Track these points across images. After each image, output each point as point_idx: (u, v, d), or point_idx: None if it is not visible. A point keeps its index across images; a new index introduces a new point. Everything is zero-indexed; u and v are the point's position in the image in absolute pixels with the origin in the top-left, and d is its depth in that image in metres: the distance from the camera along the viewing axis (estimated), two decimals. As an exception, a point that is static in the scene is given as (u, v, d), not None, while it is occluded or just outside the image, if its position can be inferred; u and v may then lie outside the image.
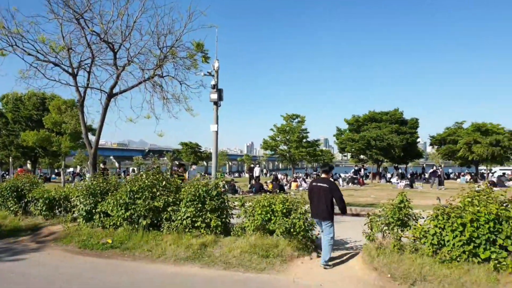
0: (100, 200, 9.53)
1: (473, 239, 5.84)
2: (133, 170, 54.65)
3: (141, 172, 9.93)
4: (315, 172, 48.38)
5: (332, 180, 7.53)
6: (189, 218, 8.13)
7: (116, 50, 11.56)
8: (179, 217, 8.28)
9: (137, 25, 11.25)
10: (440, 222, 6.22)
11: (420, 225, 6.61)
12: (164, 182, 9.02)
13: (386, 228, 6.87)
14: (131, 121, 12.33)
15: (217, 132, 12.59)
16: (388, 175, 36.96)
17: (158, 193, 8.74)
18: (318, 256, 7.21)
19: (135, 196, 8.78)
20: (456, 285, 5.54)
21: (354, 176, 32.48)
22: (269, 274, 6.59)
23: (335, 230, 6.90)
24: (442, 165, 38.57)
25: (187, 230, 8.19)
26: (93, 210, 9.47)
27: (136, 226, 8.71)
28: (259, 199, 8.02)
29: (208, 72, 12.50)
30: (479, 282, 5.50)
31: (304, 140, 34.63)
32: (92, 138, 17.53)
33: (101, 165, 18.92)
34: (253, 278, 6.44)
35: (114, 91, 12.06)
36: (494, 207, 5.89)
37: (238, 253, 7.23)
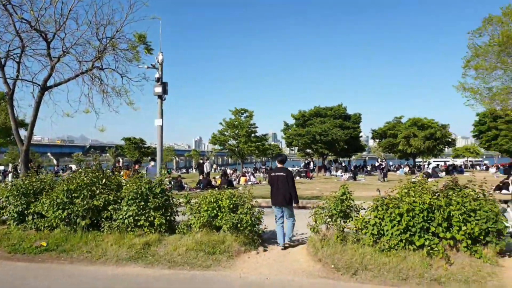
0: (33, 200, 8.87)
1: (409, 227, 6.16)
2: (70, 168, 51.56)
3: (80, 170, 9.37)
4: (263, 167, 48.89)
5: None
6: (132, 217, 7.81)
7: (49, 40, 10.79)
8: (121, 216, 7.92)
9: (73, 13, 10.60)
10: (380, 213, 6.49)
11: (362, 216, 6.86)
12: (104, 180, 8.59)
13: (330, 220, 7.05)
14: (68, 115, 11.61)
15: (162, 126, 12.23)
16: (333, 168, 38.28)
17: (98, 192, 8.30)
18: (265, 250, 7.25)
19: (73, 195, 8.27)
20: (394, 272, 5.81)
21: (301, 170, 33.27)
22: (216, 270, 6.51)
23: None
24: (385, 159, 40.58)
25: (129, 229, 7.86)
26: (26, 211, 8.79)
27: (75, 227, 8.19)
28: (206, 195, 7.89)
29: (152, 65, 12.09)
30: (414, 268, 5.82)
31: (253, 135, 34.82)
32: (25, 133, 16.30)
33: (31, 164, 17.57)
34: (199, 276, 6.32)
35: (48, 83, 11.28)
36: (427, 197, 6.25)
37: (184, 251, 7.06)
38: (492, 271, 5.69)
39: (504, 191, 16.20)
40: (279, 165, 7.81)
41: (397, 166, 49.61)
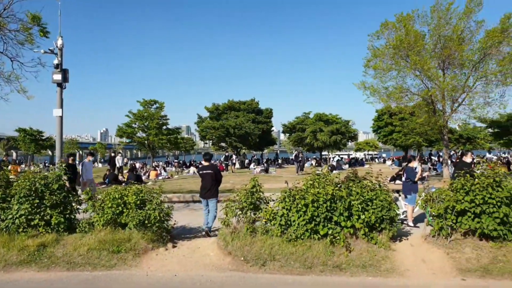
0: None
1: (314, 217, 6.48)
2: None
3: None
4: (176, 161, 47.83)
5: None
6: (24, 216, 7.00)
7: None
8: (10, 216, 7.07)
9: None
10: (287, 204, 6.72)
11: (271, 207, 7.03)
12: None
13: (240, 212, 7.11)
14: None
15: (61, 117, 11.17)
16: (246, 161, 38.92)
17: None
18: (174, 247, 7.05)
19: None
20: (300, 261, 6.07)
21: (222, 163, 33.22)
22: (121, 270, 6.15)
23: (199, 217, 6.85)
24: (302, 152, 42.37)
25: (21, 230, 7.04)
26: None
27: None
28: (110, 191, 7.40)
29: (49, 49, 10.93)
30: (318, 256, 6.14)
31: (164, 127, 33.72)
32: None
33: None
34: (102, 276, 5.92)
35: None
36: (330, 188, 6.62)
37: (85, 250, 6.54)
38: (386, 255, 6.26)
39: (397, 182, 17.98)
40: (205, 163, 8.42)
41: (306, 159, 52.33)
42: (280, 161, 44.79)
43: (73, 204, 7.62)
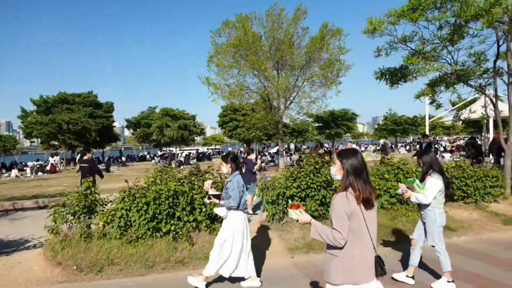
0: None
1: (156, 215, 6.29)
2: None
3: None
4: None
5: None
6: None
7: None
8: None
9: None
10: (127, 204, 6.35)
11: (109, 209, 6.53)
12: None
13: (72, 217, 6.40)
14: None
15: None
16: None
17: None
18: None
19: None
20: (141, 262, 5.80)
21: (43, 164, 29.43)
22: None
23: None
24: (169, 148, 40.68)
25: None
26: None
27: None
28: None
29: None
30: (161, 254, 5.99)
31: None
32: None
33: None
34: None
35: None
36: (173, 184, 6.52)
37: None
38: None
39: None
40: (85, 157, 10.19)
41: (152, 155, 50.91)
42: (124, 158, 42.46)
43: None
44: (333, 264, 2.67)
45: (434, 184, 4.62)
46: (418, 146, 20.07)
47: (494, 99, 9.51)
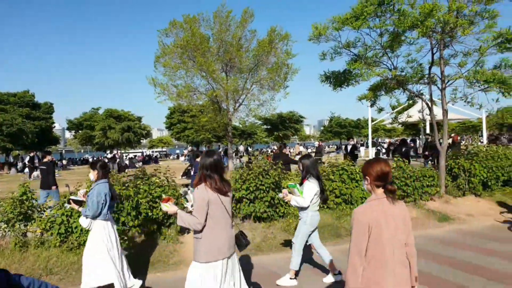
0: None
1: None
2: None
3: None
4: None
5: None
6: None
7: None
8: None
9: None
10: (68, 210, 6.04)
11: (48, 215, 6.18)
12: None
13: (6, 225, 5.98)
14: None
15: None
16: (20, 165, 33.28)
17: None
18: None
19: None
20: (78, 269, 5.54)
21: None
22: None
23: None
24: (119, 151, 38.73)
25: None
26: None
27: None
28: None
29: None
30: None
31: None
32: None
33: None
34: None
35: None
36: (117, 188, 6.30)
37: None
38: (174, 249, 6.40)
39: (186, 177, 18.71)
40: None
41: (94, 158, 48.78)
42: (65, 162, 40.26)
43: None
44: (199, 245, 3.22)
45: (311, 188, 4.82)
46: (344, 148, 21.10)
47: (429, 104, 10.18)
